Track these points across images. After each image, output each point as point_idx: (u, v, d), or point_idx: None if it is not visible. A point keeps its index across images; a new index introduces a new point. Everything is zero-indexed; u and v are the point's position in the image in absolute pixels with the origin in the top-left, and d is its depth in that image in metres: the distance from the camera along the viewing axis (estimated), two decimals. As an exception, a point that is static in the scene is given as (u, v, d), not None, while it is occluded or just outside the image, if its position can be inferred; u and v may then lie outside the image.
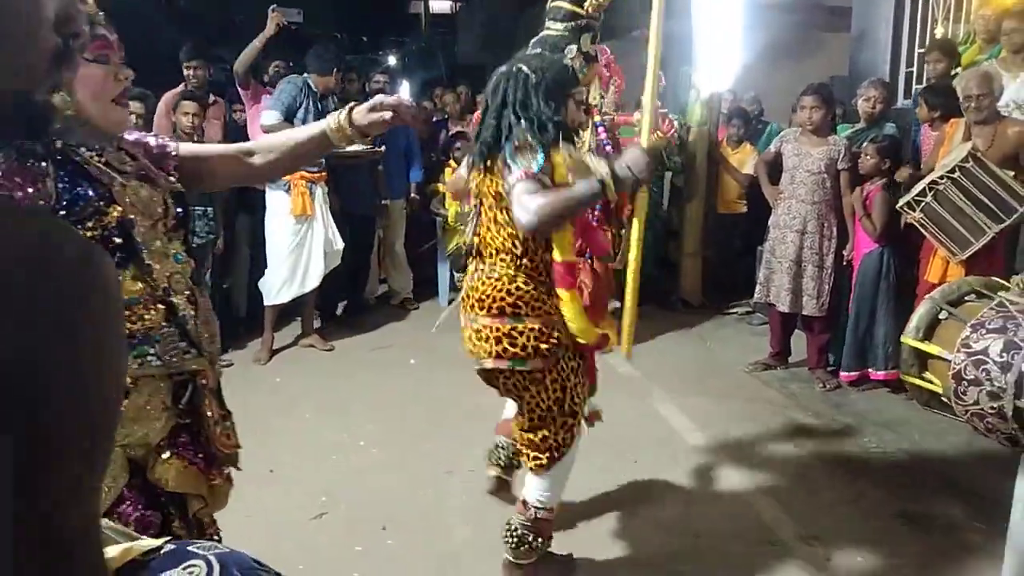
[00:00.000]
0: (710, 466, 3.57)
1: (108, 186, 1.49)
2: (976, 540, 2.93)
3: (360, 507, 3.12)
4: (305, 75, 5.12)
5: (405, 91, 11.86)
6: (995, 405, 1.94)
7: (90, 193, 1.46)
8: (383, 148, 5.42)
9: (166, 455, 1.58)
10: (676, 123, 5.53)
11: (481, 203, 2.40)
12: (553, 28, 2.60)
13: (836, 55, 7.45)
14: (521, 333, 2.33)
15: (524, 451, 2.52)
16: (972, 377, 1.98)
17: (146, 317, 1.51)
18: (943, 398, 2.22)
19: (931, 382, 2.26)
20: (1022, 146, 3.88)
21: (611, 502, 3.23)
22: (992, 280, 2.44)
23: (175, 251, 1.61)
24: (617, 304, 5.86)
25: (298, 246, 4.99)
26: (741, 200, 6.17)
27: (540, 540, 2.58)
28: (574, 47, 2.50)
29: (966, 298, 2.36)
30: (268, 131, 5.02)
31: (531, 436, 2.46)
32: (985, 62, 4.68)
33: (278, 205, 4.98)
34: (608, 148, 4.87)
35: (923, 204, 3.88)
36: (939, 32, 5.89)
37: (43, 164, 1.41)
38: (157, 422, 1.55)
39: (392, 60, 16.15)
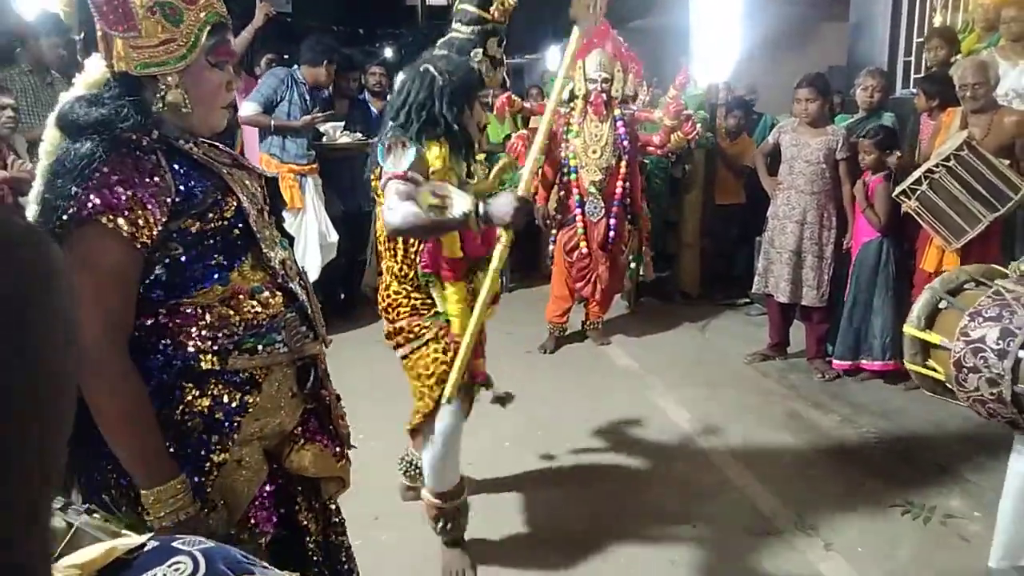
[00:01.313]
0: (708, 457, 3.57)
1: (219, 175, 1.48)
2: (974, 529, 2.93)
3: (357, 500, 3.10)
4: (293, 67, 5.10)
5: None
6: (994, 391, 1.95)
7: (207, 183, 1.44)
8: (376, 140, 5.39)
9: (301, 442, 1.59)
10: (699, 125, 5.53)
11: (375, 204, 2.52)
12: (459, 31, 2.60)
13: (834, 45, 7.44)
14: (398, 332, 2.60)
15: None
16: (971, 364, 1.99)
17: (270, 305, 1.51)
18: (947, 384, 2.24)
19: (934, 370, 2.27)
20: (1018, 135, 3.87)
21: (608, 493, 3.23)
22: (990, 268, 2.45)
23: (278, 237, 1.61)
24: (624, 302, 5.92)
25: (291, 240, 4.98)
26: (738, 190, 6.16)
27: (441, 524, 2.71)
28: (479, 51, 2.51)
29: (965, 286, 2.37)
30: (246, 123, 5.00)
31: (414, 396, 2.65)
32: (984, 51, 4.67)
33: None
34: (625, 143, 4.87)
35: (918, 193, 3.87)
36: (937, 21, 5.88)
37: (153, 157, 1.39)
38: (288, 409, 1.55)
39: (389, 52, 16.11)
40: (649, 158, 5.59)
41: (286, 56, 5.84)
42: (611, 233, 4.96)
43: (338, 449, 1.69)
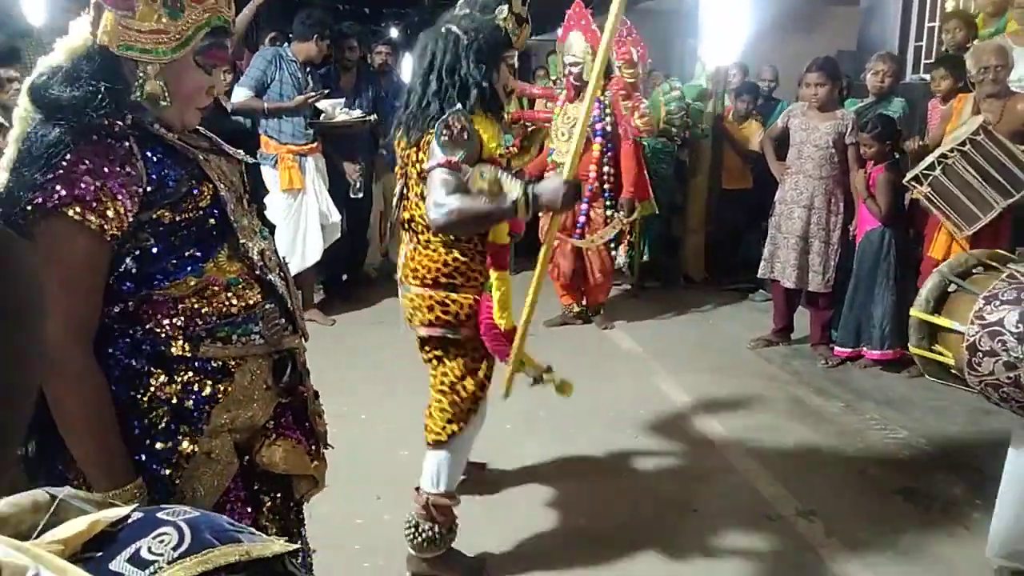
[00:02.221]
0: (711, 442, 3.57)
1: (195, 161, 1.41)
2: (975, 517, 2.92)
3: (361, 480, 3.12)
4: (281, 46, 5.04)
5: (407, 63, 11.70)
6: (1011, 375, 1.93)
7: (180, 171, 1.38)
8: (374, 117, 5.31)
9: (273, 436, 1.53)
10: (673, 105, 5.49)
11: (408, 178, 2.37)
12: None
13: (844, 28, 7.37)
14: (454, 302, 2.36)
15: (428, 423, 2.51)
16: (988, 348, 1.97)
17: (246, 297, 1.45)
18: (953, 370, 2.22)
19: (941, 353, 2.24)
20: (1031, 122, 3.83)
21: (611, 477, 3.23)
22: (997, 252, 2.42)
23: (258, 226, 1.54)
24: (627, 286, 5.89)
25: (292, 220, 4.93)
26: (745, 175, 6.12)
27: (437, 529, 2.50)
28: (505, 7, 2.32)
29: (974, 271, 2.34)
30: (238, 108, 4.93)
31: (439, 404, 2.46)
32: (992, 36, 4.62)
33: (269, 181, 4.92)
34: (599, 125, 4.79)
35: (931, 178, 3.83)
36: (950, 5, 5.81)
37: (126, 144, 1.32)
38: (261, 402, 1.50)
39: (394, 32, 16.01)
40: (647, 141, 5.57)
41: (290, 33, 5.78)
42: (580, 218, 4.85)
43: (313, 447, 1.63)
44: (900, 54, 6.10)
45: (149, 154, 1.35)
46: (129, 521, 0.61)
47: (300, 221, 4.97)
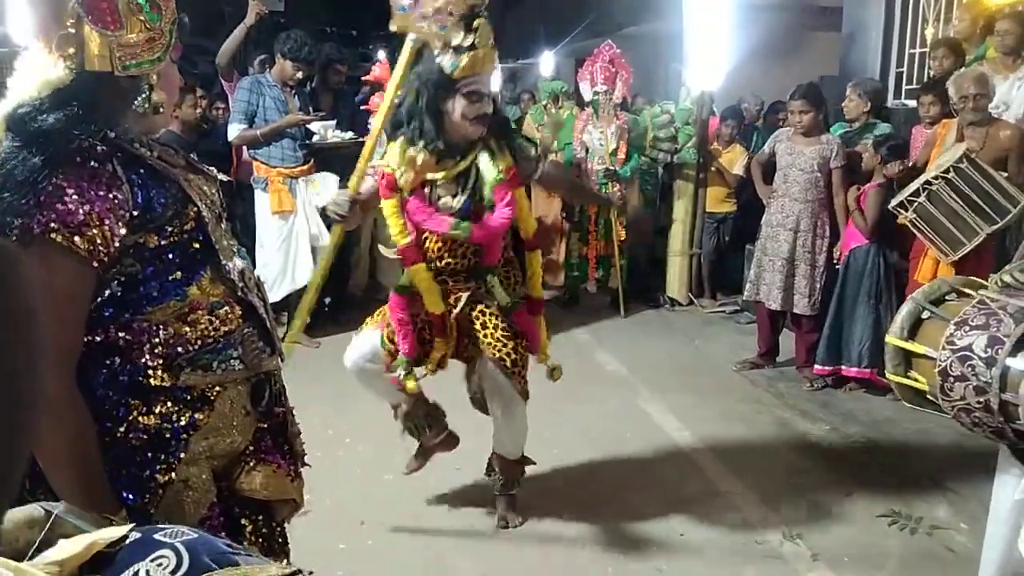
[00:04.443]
0: (696, 464, 3.56)
1: (177, 182, 1.38)
2: (960, 540, 2.93)
3: (345, 504, 3.10)
4: (268, 70, 5.06)
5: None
6: (981, 399, 1.94)
7: (166, 194, 1.35)
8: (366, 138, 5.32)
9: (252, 463, 1.50)
10: (660, 130, 5.56)
11: None
12: None
13: (826, 55, 7.47)
14: None
15: None
16: (958, 373, 1.98)
17: (228, 320, 1.43)
18: (929, 395, 2.23)
19: (917, 380, 2.26)
20: (1012, 148, 3.88)
21: (595, 498, 3.21)
22: (970, 279, 2.45)
23: (235, 245, 1.53)
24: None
25: (284, 242, 4.94)
26: (729, 199, 6.17)
27: None
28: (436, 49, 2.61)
29: (946, 297, 2.36)
30: (238, 144, 4.96)
31: None
32: (975, 63, 4.69)
33: (261, 204, 4.94)
34: None
35: (916, 204, 3.87)
36: (929, 33, 5.91)
37: (109, 167, 1.29)
38: (240, 427, 1.47)
39: (381, 54, 16.10)
40: (625, 168, 5.64)
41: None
42: None
43: (292, 469, 1.61)
44: (882, 80, 6.19)
45: (134, 176, 1.32)
46: (127, 542, 0.60)
47: (291, 243, 4.97)
